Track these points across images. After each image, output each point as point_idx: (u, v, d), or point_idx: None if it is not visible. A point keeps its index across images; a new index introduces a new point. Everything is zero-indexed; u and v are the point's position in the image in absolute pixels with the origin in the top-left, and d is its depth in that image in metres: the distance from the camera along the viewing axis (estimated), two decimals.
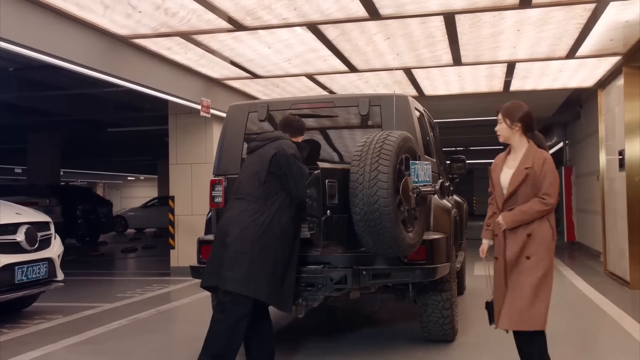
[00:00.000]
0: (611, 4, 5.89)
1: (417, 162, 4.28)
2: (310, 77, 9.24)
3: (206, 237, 5.00)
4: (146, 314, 6.77)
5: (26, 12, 5.59)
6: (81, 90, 11.45)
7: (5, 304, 6.24)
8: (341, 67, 8.56)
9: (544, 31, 6.93)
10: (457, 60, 8.27)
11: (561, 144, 15.83)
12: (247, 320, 3.94)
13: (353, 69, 8.72)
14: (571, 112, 13.12)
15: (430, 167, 4.51)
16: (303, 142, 4.55)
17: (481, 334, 5.30)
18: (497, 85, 10.15)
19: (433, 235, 4.69)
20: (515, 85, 10.13)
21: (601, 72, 9.04)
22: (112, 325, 6.17)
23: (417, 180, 4.23)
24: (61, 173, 21.41)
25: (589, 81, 9.67)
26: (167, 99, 8.68)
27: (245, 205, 4.05)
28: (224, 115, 6.90)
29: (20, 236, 6.09)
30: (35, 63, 6.95)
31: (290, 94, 10.36)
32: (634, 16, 6.31)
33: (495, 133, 3.73)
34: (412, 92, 10.31)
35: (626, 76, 7.94)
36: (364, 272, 4.38)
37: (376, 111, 4.92)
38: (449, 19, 6.50)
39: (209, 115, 9.15)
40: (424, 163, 4.41)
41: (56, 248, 6.67)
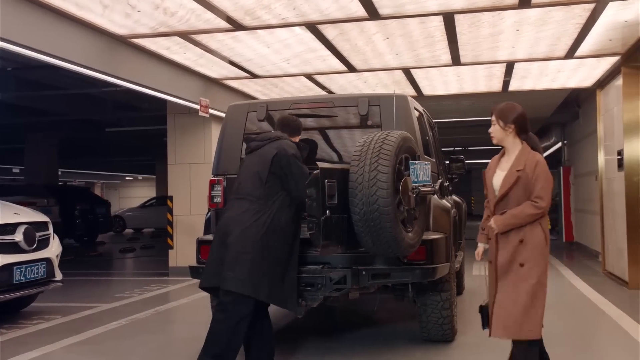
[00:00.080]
0: (610, 4, 5.89)
1: (417, 162, 4.28)
2: (309, 77, 9.24)
3: (205, 237, 4.98)
4: (145, 314, 6.76)
5: (25, 12, 5.57)
6: (79, 90, 11.44)
7: (3, 304, 6.23)
8: (340, 67, 8.56)
9: (543, 31, 6.93)
10: (456, 60, 8.27)
11: (559, 144, 15.85)
12: (248, 320, 3.94)
13: (352, 69, 8.72)
14: (570, 112, 13.14)
15: (429, 167, 4.51)
16: (300, 141, 4.55)
17: (480, 334, 5.24)
18: (496, 85, 10.15)
19: (432, 235, 4.69)
20: (514, 85, 10.13)
21: (600, 72, 9.05)
22: (110, 325, 6.16)
23: (417, 180, 4.22)
24: (59, 173, 21.37)
25: (588, 81, 9.67)
26: (166, 99, 8.67)
27: (247, 205, 4.04)
28: (223, 115, 6.90)
29: (18, 236, 6.08)
30: (33, 63, 6.93)
31: (289, 93, 10.35)
32: (633, 16, 6.32)
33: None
34: (410, 92, 10.31)
35: (625, 76, 7.95)
36: (364, 272, 4.38)
37: (375, 111, 4.92)
38: (448, 19, 6.50)
39: (208, 115, 9.15)
40: (424, 163, 4.41)
41: (55, 248, 6.66)
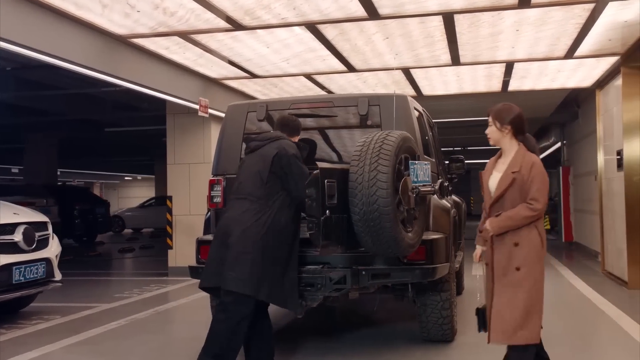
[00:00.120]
0: (610, 4, 5.88)
1: (417, 162, 4.27)
2: (308, 76, 9.23)
3: (205, 237, 4.98)
4: (144, 314, 6.76)
5: (24, 12, 5.56)
6: (79, 90, 11.43)
7: (3, 304, 6.22)
8: (340, 66, 8.55)
9: (543, 31, 6.93)
10: (455, 60, 8.27)
11: (559, 144, 15.85)
12: (249, 320, 3.93)
13: (351, 69, 8.72)
14: (569, 112, 13.14)
15: (429, 167, 4.51)
16: (299, 141, 4.54)
17: (480, 334, 5.27)
18: (496, 85, 10.15)
19: (432, 235, 4.68)
20: (513, 85, 10.13)
21: (599, 72, 9.05)
22: (110, 325, 6.15)
23: (417, 180, 4.22)
24: (58, 173, 21.35)
25: (587, 81, 9.67)
26: (165, 99, 8.67)
27: (247, 205, 4.03)
28: (222, 115, 6.89)
29: (18, 236, 6.07)
30: (32, 62, 6.92)
31: (288, 93, 10.35)
32: (633, 16, 6.32)
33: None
34: (410, 92, 10.30)
35: (624, 76, 7.95)
36: (363, 272, 4.37)
37: (375, 111, 4.91)
38: (448, 19, 6.50)
39: (207, 115, 9.14)
40: (423, 163, 4.40)
41: (54, 248, 6.65)
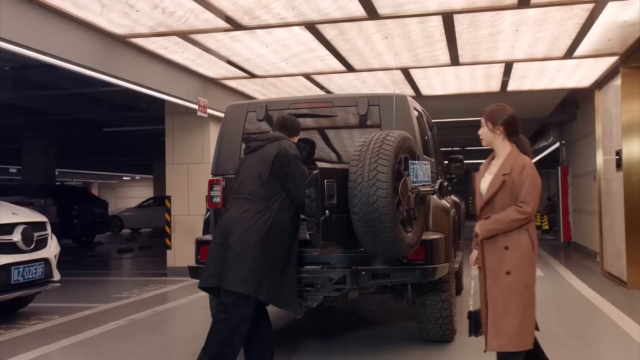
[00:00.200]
0: (610, 4, 5.89)
1: (416, 162, 4.27)
2: (307, 76, 9.23)
3: (204, 237, 4.97)
4: (143, 314, 6.75)
5: (23, 11, 5.55)
6: (77, 90, 11.41)
7: (1, 304, 6.21)
8: (339, 66, 8.54)
9: (542, 31, 6.93)
10: (454, 60, 8.26)
11: (557, 144, 15.86)
12: (249, 320, 3.93)
13: (351, 69, 8.71)
14: (568, 112, 13.14)
15: (429, 167, 4.50)
16: (299, 141, 4.53)
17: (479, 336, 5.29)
18: (495, 85, 10.14)
19: (432, 236, 4.68)
20: (512, 85, 10.13)
21: (598, 73, 9.05)
22: (109, 325, 6.14)
23: (416, 180, 4.21)
24: (56, 173, 21.32)
25: (586, 81, 9.68)
26: (164, 99, 8.65)
27: (248, 205, 4.02)
28: (221, 115, 6.89)
29: (16, 236, 6.06)
30: (30, 62, 6.91)
31: (287, 93, 10.34)
32: (632, 16, 6.32)
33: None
34: (409, 92, 10.29)
35: (624, 76, 7.95)
36: (363, 273, 4.36)
37: (375, 111, 4.91)
38: (448, 19, 6.49)
39: (206, 115, 9.13)
40: (423, 163, 4.39)
41: (53, 248, 6.64)
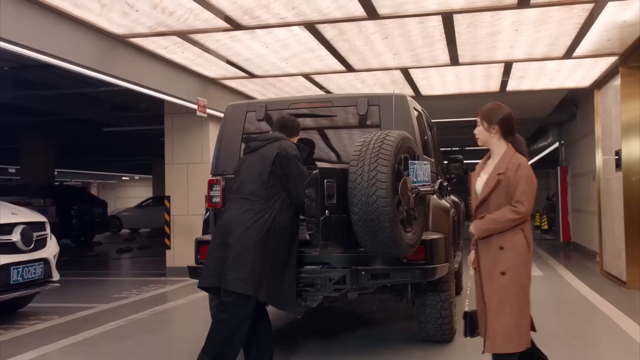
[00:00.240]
0: (609, 4, 5.89)
1: (416, 162, 4.26)
2: (307, 76, 9.22)
3: (204, 237, 4.96)
4: (142, 314, 6.74)
5: (23, 11, 5.54)
6: (76, 90, 11.40)
7: (0, 304, 6.20)
8: (338, 66, 8.54)
9: (542, 31, 6.93)
10: (454, 60, 8.26)
11: (557, 144, 15.87)
12: (250, 320, 3.93)
13: (350, 69, 8.70)
14: (567, 112, 13.15)
15: (429, 167, 4.49)
16: (299, 141, 4.53)
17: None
18: (494, 85, 10.14)
19: (432, 236, 4.67)
20: (512, 85, 10.13)
21: (598, 73, 9.05)
22: (108, 326, 6.13)
23: (416, 180, 4.21)
24: (55, 173, 21.31)
25: (586, 81, 9.68)
26: (164, 99, 8.64)
27: (248, 205, 4.02)
28: (221, 114, 6.88)
29: (16, 236, 6.05)
30: (30, 62, 6.89)
31: (286, 93, 10.34)
32: (632, 16, 6.32)
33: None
34: (408, 92, 10.29)
35: (623, 76, 7.95)
36: (363, 273, 4.36)
37: (375, 111, 4.90)
38: (447, 19, 6.49)
39: (205, 115, 9.12)
40: (423, 163, 4.39)
41: (52, 248, 6.63)
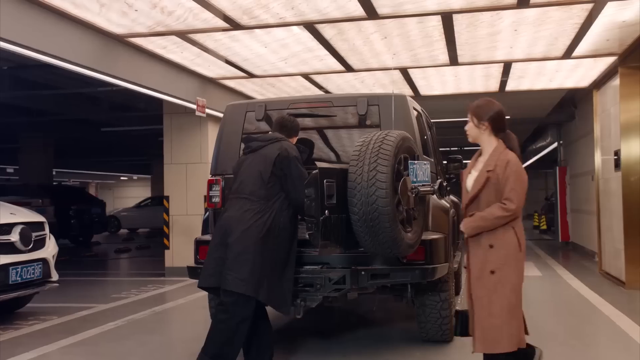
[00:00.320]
0: (608, 4, 5.88)
1: (416, 162, 4.25)
2: (306, 76, 9.22)
3: (204, 237, 4.96)
4: (142, 314, 6.73)
5: (23, 11, 5.53)
6: (76, 90, 11.39)
7: None
8: (337, 66, 8.54)
9: (541, 31, 6.93)
10: (453, 60, 8.26)
11: (556, 144, 15.88)
12: (249, 320, 3.93)
13: (349, 69, 8.70)
14: (566, 112, 13.16)
15: (428, 166, 4.48)
16: (298, 141, 4.53)
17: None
18: (493, 85, 10.14)
19: (432, 236, 4.67)
20: (511, 85, 10.13)
21: (597, 73, 9.05)
22: (107, 326, 6.12)
23: (416, 180, 4.20)
24: (54, 173, 21.29)
25: (585, 81, 9.68)
26: (163, 98, 8.63)
27: (248, 205, 4.02)
28: (220, 114, 6.88)
29: (14, 236, 6.04)
30: (29, 62, 6.88)
31: (286, 93, 10.33)
32: (631, 16, 6.32)
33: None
34: (408, 91, 10.29)
35: (622, 76, 7.95)
36: (363, 273, 4.35)
37: (374, 111, 4.90)
38: (447, 19, 6.49)
39: (205, 115, 9.11)
40: (423, 163, 4.38)
41: (51, 248, 6.62)
